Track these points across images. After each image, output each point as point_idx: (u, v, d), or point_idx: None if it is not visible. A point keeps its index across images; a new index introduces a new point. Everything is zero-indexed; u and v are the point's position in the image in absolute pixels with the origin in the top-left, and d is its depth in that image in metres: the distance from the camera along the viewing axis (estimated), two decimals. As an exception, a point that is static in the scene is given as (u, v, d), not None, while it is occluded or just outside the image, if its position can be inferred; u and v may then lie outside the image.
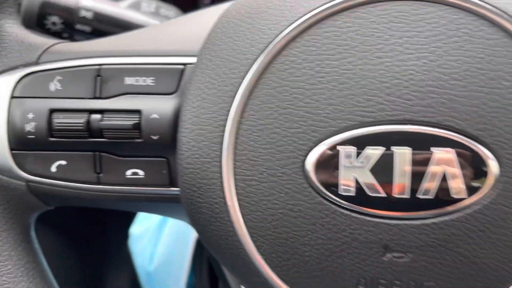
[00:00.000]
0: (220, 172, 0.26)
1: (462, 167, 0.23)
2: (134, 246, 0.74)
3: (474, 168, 0.23)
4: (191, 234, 0.69)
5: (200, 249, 0.69)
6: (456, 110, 0.23)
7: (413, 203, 0.24)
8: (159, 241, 0.72)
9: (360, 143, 0.24)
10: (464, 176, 0.23)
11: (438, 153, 0.23)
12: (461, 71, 0.23)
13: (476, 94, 0.23)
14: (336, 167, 0.24)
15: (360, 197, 0.24)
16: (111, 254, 0.97)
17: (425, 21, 0.24)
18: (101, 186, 0.30)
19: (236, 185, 0.26)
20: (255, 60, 0.25)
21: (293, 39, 0.25)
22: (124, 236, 0.87)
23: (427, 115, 0.23)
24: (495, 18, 0.24)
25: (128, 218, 0.86)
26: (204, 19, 0.31)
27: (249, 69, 0.26)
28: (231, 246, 0.27)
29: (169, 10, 0.45)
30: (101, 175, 0.30)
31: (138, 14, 0.42)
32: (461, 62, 0.23)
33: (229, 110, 0.26)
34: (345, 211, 0.24)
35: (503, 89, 0.23)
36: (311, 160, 0.25)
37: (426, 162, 0.23)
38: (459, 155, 0.23)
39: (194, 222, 0.28)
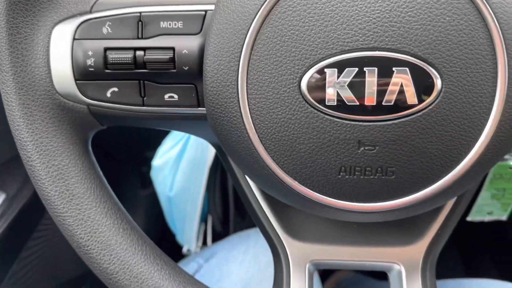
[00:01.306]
0: (237, 93, 0.32)
1: (415, 81, 0.30)
2: (156, 176, 0.81)
3: (424, 82, 0.30)
4: (205, 165, 0.76)
5: (213, 177, 0.77)
6: (411, 39, 0.30)
7: (379, 109, 0.30)
8: (177, 171, 0.78)
9: (341, 66, 0.30)
10: (416, 88, 0.30)
11: (398, 71, 0.30)
12: (414, 10, 0.30)
13: (425, 27, 0.30)
14: (323, 85, 0.31)
15: (341, 106, 0.31)
16: (124, 198, 1.04)
17: None
18: (145, 107, 0.36)
19: (248, 102, 0.32)
20: (261, 5, 0.31)
21: None
22: (135, 183, 0.93)
23: (389, 43, 0.30)
24: None
25: (137, 169, 0.91)
26: None
27: (257, 12, 0.31)
28: (245, 148, 0.33)
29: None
30: (145, 98, 0.36)
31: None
32: (414, 3, 0.30)
33: (242, 45, 0.32)
34: (330, 117, 0.31)
35: (445, 23, 0.30)
36: (305, 80, 0.31)
37: (388, 78, 0.30)
38: (412, 72, 0.30)
39: (217, 133, 0.35)
